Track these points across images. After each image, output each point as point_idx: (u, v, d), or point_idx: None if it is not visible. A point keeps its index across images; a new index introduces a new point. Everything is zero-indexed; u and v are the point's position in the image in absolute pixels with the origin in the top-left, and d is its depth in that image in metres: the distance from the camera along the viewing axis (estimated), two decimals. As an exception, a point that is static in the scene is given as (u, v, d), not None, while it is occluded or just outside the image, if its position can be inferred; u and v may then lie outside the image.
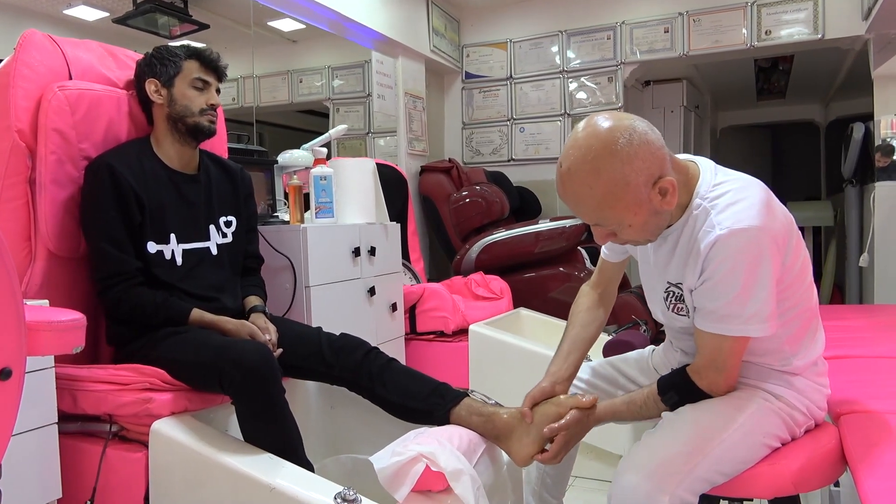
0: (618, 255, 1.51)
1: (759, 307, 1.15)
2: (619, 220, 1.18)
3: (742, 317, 1.16)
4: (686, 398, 1.27)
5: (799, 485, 1.18)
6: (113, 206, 1.57)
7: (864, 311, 2.69)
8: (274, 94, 3.84)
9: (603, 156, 1.12)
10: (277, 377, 1.43)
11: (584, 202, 1.17)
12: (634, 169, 1.13)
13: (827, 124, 6.77)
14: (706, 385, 1.25)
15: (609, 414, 1.35)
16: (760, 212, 1.14)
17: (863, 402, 1.42)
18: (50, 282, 1.61)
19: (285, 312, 2.04)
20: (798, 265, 1.22)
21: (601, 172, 1.13)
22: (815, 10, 3.62)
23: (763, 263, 1.13)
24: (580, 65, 4.16)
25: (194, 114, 1.68)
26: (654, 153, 1.15)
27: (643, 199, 1.15)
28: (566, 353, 1.48)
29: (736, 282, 1.14)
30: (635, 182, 1.13)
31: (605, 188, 1.13)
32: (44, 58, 1.62)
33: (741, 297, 1.14)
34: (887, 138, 3.56)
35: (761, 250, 1.13)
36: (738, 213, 1.14)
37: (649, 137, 1.15)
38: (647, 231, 1.22)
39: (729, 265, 1.13)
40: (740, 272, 1.13)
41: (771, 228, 1.14)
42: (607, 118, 1.16)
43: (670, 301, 1.32)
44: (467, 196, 3.65)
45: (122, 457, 1.46)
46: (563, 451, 1.37)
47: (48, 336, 0.80)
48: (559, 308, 3.29)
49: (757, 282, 1.14)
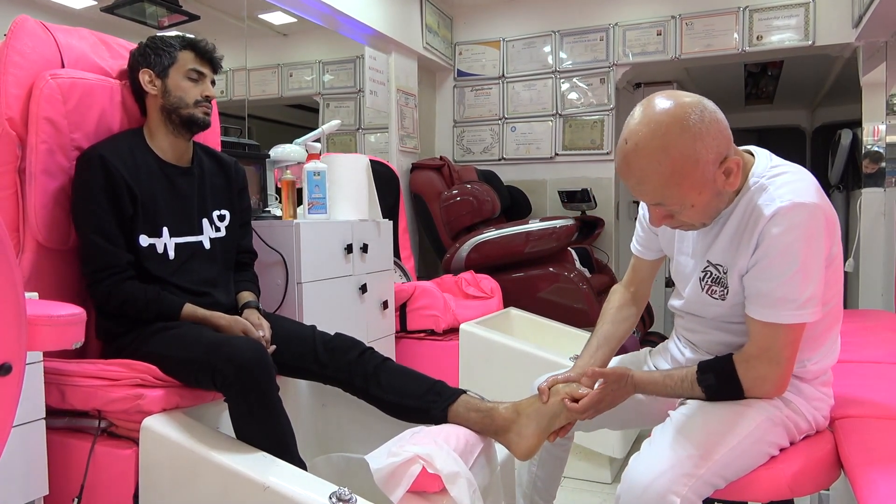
0: (652, 254, 1.49)
1: (814, 290, 1.12)
2: (683, 200, 1.15)
3: (797, 300, 1.13)
4: (723, 385, 1.22)
5: (795, 489, 1.18)
6: (104, 198, 1.54)
7: (851, 316, 2.72)
8: (263, 88, 3.79)
9: (674, 131, 1.10)
10: (272, 374, 1.41)
11: (650, 179, 1.14)
12: (706, 146, 1.10)
13: (813, 130, 6.84)
14: (754, 377, 1.20)
15: (647, 382, 1.31)
16: (819, 192, 1.14)
17: (856, 406, 1.43)
18: (39, 274, 1.58)
19: (277, 308, 2.02)
20: (839, 258, 1.21)
21: (671, 148, 1.10)
22: (806, 16, 3.64)
23: (818, 242, 1.12)
24: (572, 65, 4.17)
25: (189, 105, 1.66)
26: (722, 132, 1.13)
27: (709, 178, 1.13)
28: (595, 347, 1.47)
29: (794, 258, 1.11)
30: (705, 159, 1.11)
31: (674, 165, 1.11)
32: (36, 45, 1.59)
33: (799, 275, 1.12)
34: (869, 145, 3.60)
35: (818, 228, 1.12)
36: (799, 189, 1.13)
37: (718, 116, 1.13)
38: (707, 213, 1.19)
39: (789, 239, 1.11)
40: (799, 248, 1.11)
41: (826, 209, 1.14)
42: (672, 96, 1.13)
43: (706, 283, 1.28)
44: (458, 194, 3.64)
45: (111, 453, 1.44)
46: (595, 407, 1.32)
47: (48, 331, 0.77)
48: (549, 308, 3.30)
49: (813, 261, 1.12)
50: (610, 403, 1.34)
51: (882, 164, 3.56)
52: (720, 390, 1.23)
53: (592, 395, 1.32)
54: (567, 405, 1.34)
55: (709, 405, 1.24)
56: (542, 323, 3.09)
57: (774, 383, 1.20)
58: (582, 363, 1.44)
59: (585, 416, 1.34)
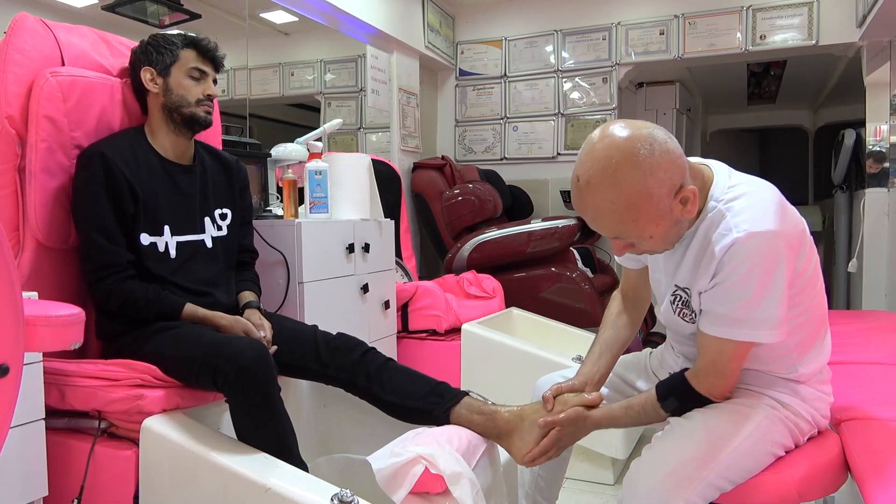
0: (634, 263, 1.49)
1: (770, 312, 1.13)
2: (641, 233, 1.14)
3: (752, 321, 1.14)
4: (686, 404, 1.25)
5: (803, 493, 1.17)
6: (105, 197, 1.53)
7: (855, 317, 2.71)
8: (264, 87, 3.79)
9: (624, 167, 1.07)
10: (273, 375, 1.40)
11: (604, 216, 1.13)
12: (657, 180, 1.08)
13: (816, 130, 6.83)
14: (705, 389, 1.23)
15: (606, 419, 1.34)
16: (777, 214, 1.13)
17: (862, 408, 1.42)
18: (39, 273, 1.57)
19: (278, 308, 2.01)
20: (810, 270, 1.21)
21: (623, 185, 1.08)
22: (809, 16, 3.63)
23: (778, 268, 1.12)
24: (575, 65, 4.16)
25: (190, 104, 1.65)
26: (674, 162, 1.11)
27: (665, 209, 1.11)
28: (597, 355, 1.46)
29: (750, 286, 1.12)
30: (658, 193, 1.09)
31: (628, 201, 1.09)
32: (36, 43, 1.58)
33: (754, 300, 1.13)
34: (872, 145, 3.59)
35: (777, 254, 1.11)
36: (756, 216, 1.12)
37: (669, 146, 1.11)
38: (666, 241, 1.19)
39: (745, 268, 1.11)
40: (756, 276, 1.11)
41: (786, 232, 1.13)
42: (624, 127, 1.11)
43: (676, 305, 1.30)
44: (460, 194, 3.63)
45: (111, 454, 1.43)
46: (554, 448, 1.35)
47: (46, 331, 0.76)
48: (551, 308, 3.29)
49: (771, 286, 1.12)
50: (573, 438, 1.37)
51: (885, 165, 3.55)
52: (686, 408, 1.26)
53: (544, 442, 1.34)
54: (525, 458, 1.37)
55: (708, 408, 1.25)
56: (544, 323, 3.08)
57: (720, 393, 1.24)
58: (585, 370, 1.44)
59: (549, 457, 1.37)
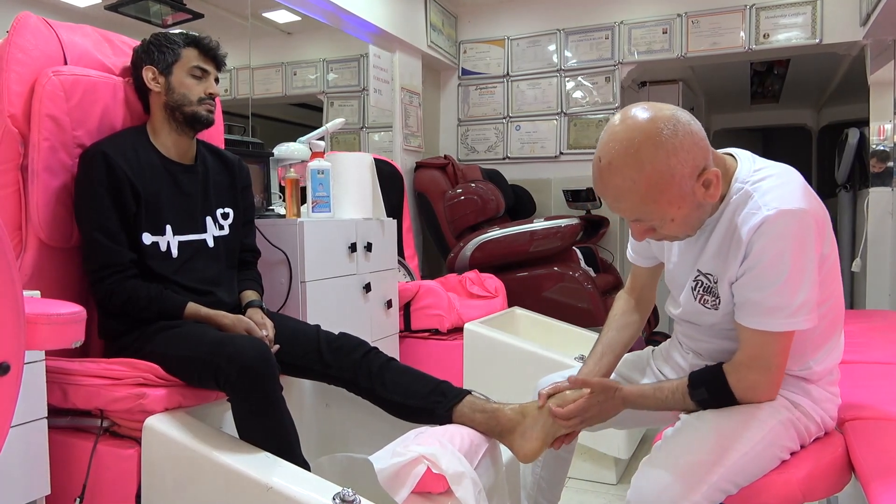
0: (646, 261, 1.47)
1: (807, 296, 1.11)
2: (662, 215, 1.13)
3: (789, 308, 1.11)
4: (716, 397, 1.21)
5: (807, 493, 1.16)
6: (107, 196, 1.53)
7: (858, 316, 2.70)
8: (267, 87, 3.78)
9: (647, 147, 1.07)
10: (275, 374, 1.40)
11: (626, 197, 1.12)
12: (680, 160, 1.08)
13: (819, 129, 6.81)
14: (746, 386, 1.18)
15: (636, 395, 1.30)
16: (805, 194, 1.12)
17: (866, 408, 1.41)
18: (41, 272, 1.57)
19: (280, 308, 2.01)
20: (832, 258, 1.19)
21: (645, 165, 1.08)
22: (813, 14, 3.62)
23: (809, 247, 1.10)
24: (577, 64, 4.15)
25: (192, 103, 1.65)
26: (697, 143, 1.10)
27: (687, 192, 1.11)
28: (599, 354, 1.45)
29: (784, 266, 1.09)
30: (681, 174, 1.09)
31: (650, 182, 1.08)
32: (38, 42, 1.58)
33: (790, 283, 1.10)
34: (876, 144, 3.58)
35: (808, 233, 1.10)
36: (785, 195, 1.11)
37: (693, 128, 1.10)
38: (688, 225, 1.17)
39: (778, 248, 1.09)
40: (788, 256, 1.09)
41: (816, 212, 1.12)
42: (647, 108, 1.11)
43: (698, 292, 1.26)
44: (462, 193, 3.62)
45: (113, 453, 1.43)
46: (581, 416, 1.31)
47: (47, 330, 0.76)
48: (553, 307, 3.28)
49: (805, 267, 1.10)
50: (598, 415, 1.32)
51: (889, 164, 3.53)
52: (713, 402, 1.22)
53: (578, 403, 1.30)
54: (552, 410, 1.33)
55: (720, 410, 1.23)
56: (546, 322, 3.08)
57: (766, 390, 1.19)
58: (587, 370, 1.43)
59: (571, 426, 1.33)
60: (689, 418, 1.24)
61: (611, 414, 1.32)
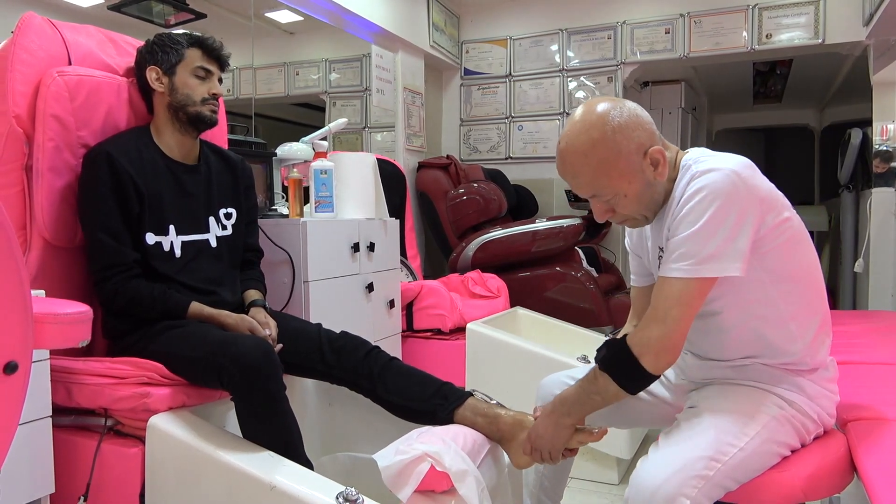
0: (646, 279, 1.48)
1: (719, 245, 1.14)
2: (615, 190, 1.23)
3: (696, 256, 1.14)
4: (612, 353, 1.22)
5: (808, 493, 1.17)
6: (111, 196, 1.54)
7: (861, 317, 2.70)
8: (269, 87, 3.79)
9: (597, 127, 1.21)
10: (278, 373, 1.41)
11: (580, 172, 1.24)
12: (625, 136, 1.20)
13: (822, 129, 6.80)
14: (640, 339, 1.18)
15: (558, 401, 1.33)
16: (740, 163, 1.17)
17: (869, 408, 1.41)
18: (45, 272, 1.58)
19: (283, 307, 2.01)
20: (787, 233, 1.22)
21: (595, 142, 1.20)
22: (816, 14, 3.62)
23: (732, 202, 1.14)
24: (580, 64, 4.15)
25: (196, 103, 1.65)
26: (642, 125, 1.22)
27: (636, 168, 1.21)
28: None
29: (701, 214, 1.15)
30: (627, 149, 1.20)
31: (599, 156, 1.20)
32: (43, 42, 1.59)
33: (703, 230, 1.14)
34: (879, 145, 3.57)
35: (733, 189, 1.14)
36: (719, 161, 1.19)
37: (638, 112, 1.24)
38: (642, 203, 1.25)
39: (698, 198, 1.16)
40: (707, 206, 1.14)
41: (749, 177, 1.16)
42: (601, 100, 1.25)
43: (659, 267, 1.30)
44: (465, 193, 3.63)
45: (117, 452, 1.43)
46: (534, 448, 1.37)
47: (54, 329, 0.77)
48: (555, 307, 3.29)
49: (724, 219, 1.14)
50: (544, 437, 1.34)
51: (892, 164, 3.52)
52: (611, 359, 1.23)
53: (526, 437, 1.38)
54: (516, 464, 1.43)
55: (715, 408, 1.24)
56: (548, 322, 3.08)
57: (657, 344, 1.17)
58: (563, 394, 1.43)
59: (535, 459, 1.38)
60: (685, 418, 1.25)
61: (555, 433, 1.34)
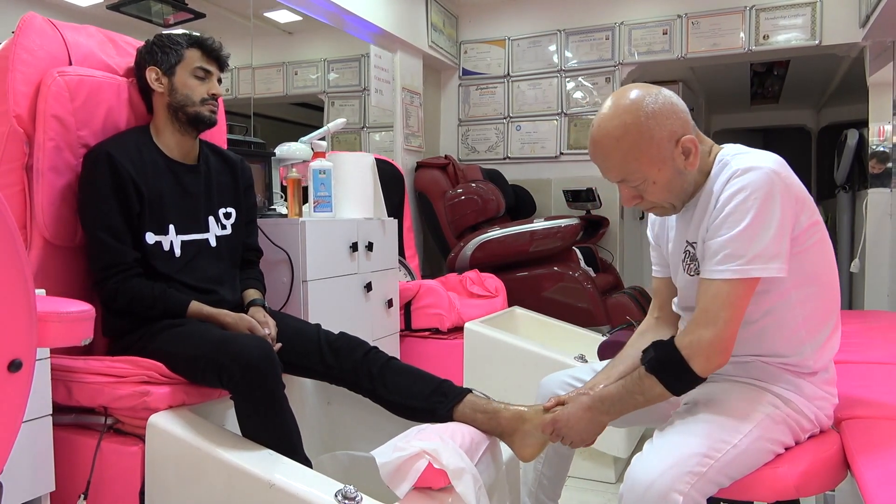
0: (664, 269, 1.47)
1: (765, 245, 1.14)
2: (644, 175, 1.23)
3: (744, 256, 1.15)
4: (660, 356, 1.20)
5: (801, 489, 1.18)
6: (111, 196, 1.55)
7: (857, 317, 2.71)
8: (268, 86, 3.80)
9: (631, 112, 1.21)
10: (277, 372, 1.41)
11: (611, 156, 1.23)
12: (658, 123, 1.20)
13: (819, 130, 6.82)
14: (689, 341, 1.17)
15: (598, 398, 1.30)
16: (777, 162, 1.19)
17: (863, 407, 1.42)
18: (46, 271, 1.59)
19: (282, 307, 2.02)
20: (816, 237, 1.23)
21: (628, 126, 1.20)
22: (813, 16, 3.63)
23: (774, 202, 1.15)
24: (578, 64, 4.16)
25: (195, 103, 1.66)
26: (676, 113, 1.22)
27: (666, 155, 1.21)
28: (611, 366, 1.45)
29: (743, 215, 1.15)
30: (659, 136, 1.20)
31: (631, 140, 1.20)
32: (44, 42, 1.59)
33: (749, 230, 1.14)
34: (875, 145, 3.59)
35: (774, 189, 1.15)
36: (758, 158, 1.19)
37: (674, 100, 1.23)
38: (671, 191, 1.25)
39: (739, 197, 1.16)
40: (749, 206, 1.15)
41: (787, 177, 1.17)
42: (636, 86, 1.24)
43: (686, 263, 1.31)
44: (463, 193, 3.64)
45: (117, 450, 1.44)
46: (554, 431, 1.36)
47: (58, 327, 0.78)
48: (553, 307, 3.30)
49: (767, 218, 1.14)
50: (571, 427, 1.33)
51: (888, 165, 3.55)
52: (660, 361, 1.22)
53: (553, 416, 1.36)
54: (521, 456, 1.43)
55: (711, 405, 1.24)
56: (546, 322, 3.09)
57: (708, 347, 1.15)
58: (592, 383, 1.43)
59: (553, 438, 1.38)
60: (680, 414, 1.26)
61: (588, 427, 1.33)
